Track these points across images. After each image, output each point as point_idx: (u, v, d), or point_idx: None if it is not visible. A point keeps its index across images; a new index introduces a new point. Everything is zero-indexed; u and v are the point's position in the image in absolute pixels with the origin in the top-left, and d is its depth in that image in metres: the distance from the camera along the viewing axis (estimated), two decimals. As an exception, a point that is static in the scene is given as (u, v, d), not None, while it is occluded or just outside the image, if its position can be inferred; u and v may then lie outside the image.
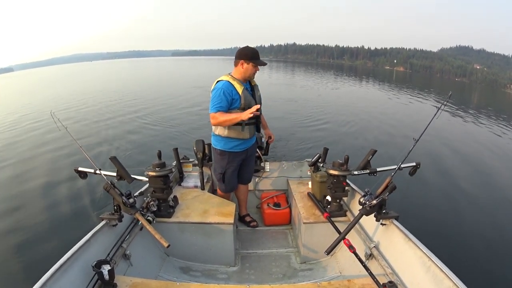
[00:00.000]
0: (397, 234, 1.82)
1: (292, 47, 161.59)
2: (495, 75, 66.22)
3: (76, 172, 2.14)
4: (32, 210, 3.95)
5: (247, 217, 2.88)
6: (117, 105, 11.73)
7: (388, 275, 1.67)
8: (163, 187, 2.20)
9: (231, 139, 2.34)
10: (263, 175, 3.15)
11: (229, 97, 2.17)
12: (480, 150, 7.32)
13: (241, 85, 2.22)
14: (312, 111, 10.47)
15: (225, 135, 2.33)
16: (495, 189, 4.95)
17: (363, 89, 21.93)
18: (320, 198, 2.45)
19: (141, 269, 1.96)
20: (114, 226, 1.93)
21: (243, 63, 2.22)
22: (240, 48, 2.31)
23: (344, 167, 2.20)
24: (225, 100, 2.15)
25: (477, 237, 3.50)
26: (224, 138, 2.35)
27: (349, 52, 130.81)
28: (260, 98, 2.43)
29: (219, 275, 2.20)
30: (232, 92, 2.18)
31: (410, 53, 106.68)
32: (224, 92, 2.16)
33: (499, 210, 4.19)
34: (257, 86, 2.44)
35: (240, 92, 2.19)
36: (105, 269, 1.49)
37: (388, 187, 1.85)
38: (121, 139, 7.13)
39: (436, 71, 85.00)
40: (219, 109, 2.15)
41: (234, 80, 2.22)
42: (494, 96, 31.96)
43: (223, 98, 2.15)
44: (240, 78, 2.27)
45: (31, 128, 8.44)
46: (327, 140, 6.94)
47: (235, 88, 2.19)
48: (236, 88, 2.19)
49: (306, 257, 2.35)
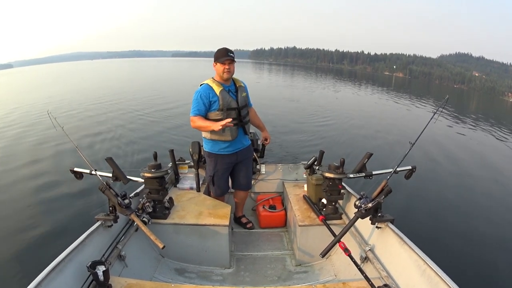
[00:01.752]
0: (392, 237, 1.82)
1: (292, 51, 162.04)
2: (494, 83, 66.64)
3: (71, 173, 2.13)
4: (27, 210, 3.92)
5: (243, 218, 2.89)
6: (114, 106, 11.73)
7: (383, 278, 1.67)
8: (158, 189, 2.20)
9: (216, 141, 2.38)
10: (259, 177, 3.15)
11: (206, 100, 2.24)
12: (476, 155, 7.39)
13: (219, 86, 2.28)
14: (309, 115, 10.51)
15: (209, 137, 2.38)
16: (489, 193, 5.00)
17: (362, 94, 22.04)
18: (316, 201, 2.45)
19: (136, 270, 1.96)
20: (109, 227, 1.92)
21: (215, 64, 2.31)
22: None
23: (340, 170, 2.20)
24: (202, 104, 2.23)
25: (472, 240, 3.52)
26: (210, 140, 2.39)
27: (349, 57, 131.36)
28: (244, 99, 2.42)
29: (214, 277, 2.20)
30: (209, 95, 2.25)
31: (409, 59, 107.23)
32: (201, 95, 2.24)
33: (493, 214, 4.22)
34: (243, 87, 2.45)
35: (217, 93, 2.25)
36: (100, 270, 1.48)
37: (383, 191, 1.86)
38: (117, 140, 7.13)
39: (435, 78, 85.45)
40: (196, 113, 2.23)
41: (213, 82, 2.30)
42: (491, 104, 32.22)
43: (200, 101, 2.23)
44: (219, 79, 2.32)
45: (27, 128, 8.41)
46: (323, 143, 6.98)
47: (213, 90, 2.26)
48: (214, 89, 2.26)
49: (301, 259, 2.35)
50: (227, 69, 2.27)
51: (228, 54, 2.26)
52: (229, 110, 2.30)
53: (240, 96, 2.38)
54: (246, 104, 2.43)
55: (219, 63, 2.27)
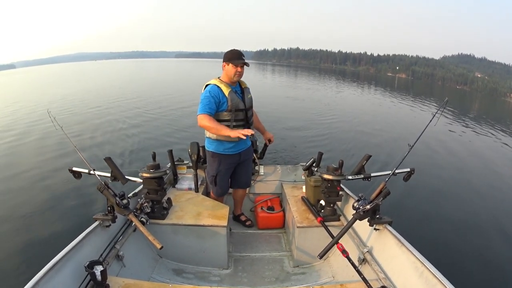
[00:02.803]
0: (390, 239, 1.82)
1: (296, 52, 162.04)
2: (496, 84, 66.35)
3: (70, 172, 2.14)
4: (25, 210, 3.92)
5: (242, 216, 2.91)
6: (114, 106, 11.73)
7: (381, 280, 1.67)
8: (157, 189, 2.20)
9: (221, 141, 2.36)
10: (257, 178, 3.15)
11: (217, 100, 2.22)
12: (476, 157, 7.35)
13: (228, 87, 2.27)
14: (308, 116, 10.49)
15: (214, 137, 2.36)
16: (489, 196, 4.97)
17: (365, 95, 22.00)
18: (314, 202, 2.44)
19: (134, 270, 1.96)
20: (107, 227, 1.92)
21: (225, 65, 2.28)
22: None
23: (338, 172, 2.20)
24: (213, 102, 2.20)
25: (470, 242, 3.51)
26: (216, 140, 2.38)
27: (352, 58, 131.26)
28: (250, 100, 2.43)
29: (212, 278, 2.20)
30: (219, 95, 2.23)
31: (412, 60, 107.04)
32: (212, 95, 2.22)
33: (492, 217, 4.19)
34: (248, 88, 2.46)
35: (226, 94, 2.24)
36: (98, 269, 1.49)
37: (382, 192, 1.85)
38: (116, 140, 7.14)
39: (437, 79, 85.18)
40: (207, 111, 2.18)
41: (221, 83, 2.28)
42: (494, 105, 32.03)
43: (211, 100, 2.20)
44: (227, 80, 2.31)
45: (28, 127, 8.44)
46: (321, 145, 6.96)
47: (222, 90, 2.25)
48: (223, 90, 2.25)
49: (299, 261, 2.34)
50: (239, 72, 2.27)
51: (242, 57, 2.26)
52: (237, 111, 2.31)
53: (247, 97, 2.40)
54: (251, 106, 2.45)
55: (232, 65, 2.25)
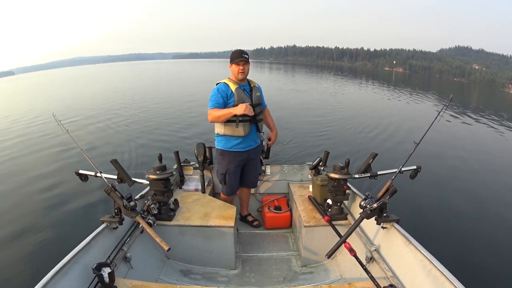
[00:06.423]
0: (398, 237, 1.82)
1: (292, 49, 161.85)
2: (494, 75, 66.31)
3: (77, 175, 2.13)
4: (32, 213, 3.94)
5: (249, 216, 2.93)
6: (118, 108, 11.72)
7: (389, 279, 1.67)
8: (163, 190, 2.20)
9: (229, 137, 2.46)
10: (264, 178, 3.15)
11: (224, 94, 2.38)
12: (482, 152, 7.29)
13: (235, 84, 2.42)
14: (312, 115, 10.46)
15: (222, 133, 2.47)
16: (497, 191, 4.91)
17: (363, 91, 21.94)
18: (321, 201, 2.45)
19: (141, 272, 1.96)
20: (115, 229, 1.93)
21: (230, 66, 2.45)
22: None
23: (345, 171, 2.20)
24: (220, 97, 2.36)
25: (479, 240, 3.48)
26: (224, 137, 2.48)
27: (349, 54, 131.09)
28: (258, 98, 2.53)
29: (219, 278, 2.20)
30: (226, 91, 2.39)
31: (409, 54, 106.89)
32: (220, 91, 2.38)
33: (501, 214, 4.15)
34: (257, 87, 2.57)
35: (233, 90, 2.39)
36: (105, 271, 1.49)
37: (389, 191, 1.85)
38: (122, 142, 7.13)
39: (435, 72, 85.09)
40: (215, 105, 2.34)
41: (230, 81, 2.45)
42: (493, 96, 31.99)
43: (218, 95, 2.36)
44: (234, 79, 2.46)
45: (33, 132, 8.43)
46: (328, 144, 6.94)
47: (229, 87, 2.41)
48: (230, 87, 2.41)
49: (306, 260, 2.35)
50: (241, 70, 2.39)
51: (242, 55, 2.38)
52: None
53: (254, 95, 2.50)
54: (260, 103, 2.55)
55: (234, 64, 2.40)
